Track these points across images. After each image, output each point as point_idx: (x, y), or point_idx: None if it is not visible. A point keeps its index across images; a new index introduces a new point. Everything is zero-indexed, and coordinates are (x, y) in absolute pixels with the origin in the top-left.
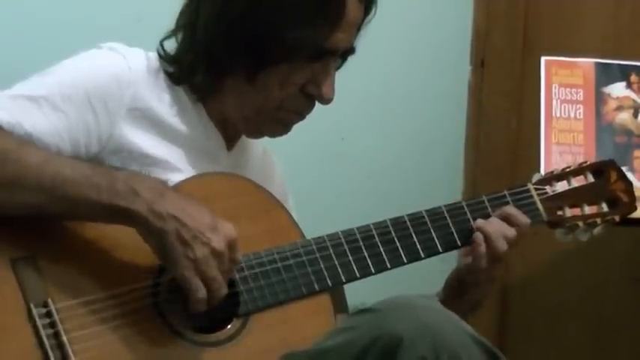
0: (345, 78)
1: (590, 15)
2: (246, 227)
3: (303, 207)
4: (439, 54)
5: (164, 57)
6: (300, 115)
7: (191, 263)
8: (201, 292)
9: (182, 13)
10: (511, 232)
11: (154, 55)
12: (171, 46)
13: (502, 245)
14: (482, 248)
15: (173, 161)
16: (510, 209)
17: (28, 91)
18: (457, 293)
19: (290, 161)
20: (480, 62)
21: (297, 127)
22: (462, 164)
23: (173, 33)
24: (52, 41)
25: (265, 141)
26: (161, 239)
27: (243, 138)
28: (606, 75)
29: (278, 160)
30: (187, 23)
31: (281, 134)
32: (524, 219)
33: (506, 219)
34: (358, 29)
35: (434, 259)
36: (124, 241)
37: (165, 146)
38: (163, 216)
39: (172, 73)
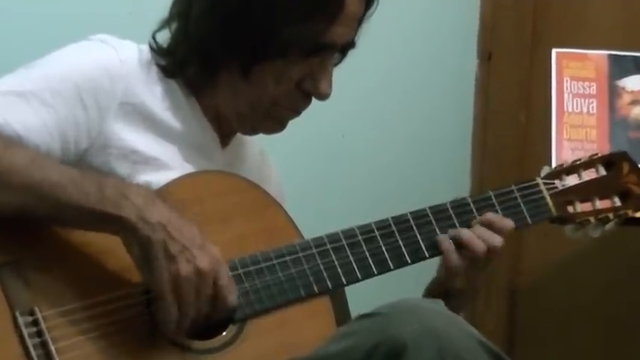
0: (346, 72)
1: (601, 5)
2: (240, 226)
3: (302, 206)
4: (444, 47)
5: (156, 50)
6: (296, 112)
7: (171, 279)
8: (174, 314)
9: (175, 4)
10: (489, 235)
11: (146, 48)
12: (164, 38)
13: (479, 245)
14: (452, 251)
15: (165, 158)
16: (490, 216)
17: (16, 85)
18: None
19: (288, 159)
20: (487, 55)
21: (296, 124)
22: (469, 162)
23: (166, 24)
24: (40, 34)
25: (262, 138)
26: (146, 248)
27: (239, 135)
28: (620, 67)
29: (275, 158)
30: (181, 14)
31: (276, 131)
32: (507, 223)
33: (488, 226)
34: (359, 23)
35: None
36: (114, 248)
37: (157, 142)
38: (153, 224)
39: (165, 66)
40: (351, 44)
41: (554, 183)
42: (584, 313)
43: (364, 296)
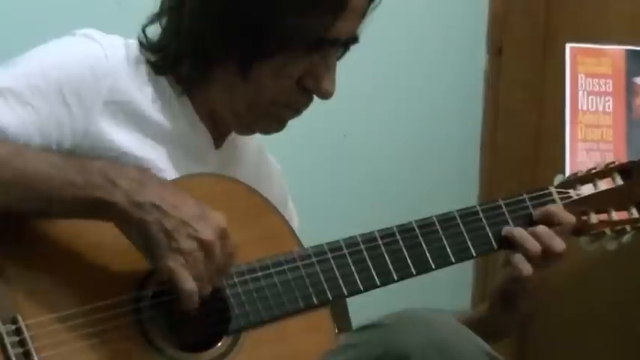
0: (348, 69)
1: None
2: (236, 234)
3: (302, 209)
4: (451, 41)
5: (146, 45)
6: (296, 111)
7: (178, 255)
8: (190, 284)
9: None
10: (548, 236)
11: (134, 43)
12: (154, 32)
13: (534, 247)
14: (516, 256)
15: (155, 161)
16: (553, 208)
17: None
18: (504, 308)
19: (286, 161)
20: (497, 50)
21: (295, 124)
22: (477, 164)
23: (156, 18)
24: (21, 27)
25: (260, 138)
26: (143, 231)
27: (234, 135)
28: (638, 63)
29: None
30: (173, 7)
31: (274, 131)
32: (568, 217)
33: (548, 219)
34: (362, 16)
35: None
36: (103, 246)
37: (147, 144)
38: (144, 206)
39: (155, 63)
40: (354, 39)
41: (568, 192)
42: (599, 324)
43: (366, 306)
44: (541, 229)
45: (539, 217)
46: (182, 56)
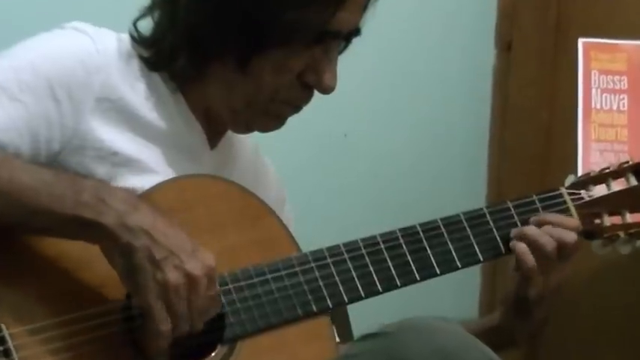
0: (349, 64)
1: None
2: (231, 237)
3: (300, 214)
4: (458, 36)
5: (138, 39)
6: (296, 107)
7: (159, 288)
8: (165, 325)
9: None
10: (556, 231)
11: (126, 37)
12: (146, 26)
13: (548, 242)
14: (528, 256)
15: (148, 161)
16: (550, 216)
17: None
18: (517, 315)
19: (284, 161)
20: (506, 45)
21: (293, 123)
22: (485, 164)
23: (149, 11)
24: (6, 20)
25: (256, 138)
26: (128, 256)
27: (229, 134)
28: None
29: (270, 160)
30: None
31: (273, 129)
32: (571, 222)
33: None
34: (364, 8)
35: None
36: (91, 258)
37: (139, 143)
38: (134, 230)
39: (148, 58)
40: (356, 32)
41: (579, 193)
42: (613, 335)
43: (368, 314)
44: (547, 226)
45: (534, 223)
46: (177, 51)
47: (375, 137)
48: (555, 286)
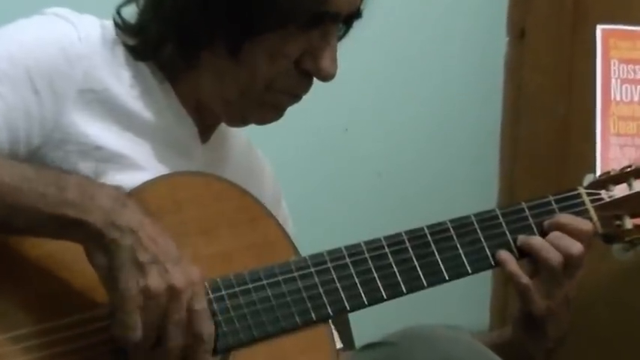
0: (350, 51)
1: None
2: (225, 239)
3: (298, 214)
4: (467, 22)
5: (123, 26)
6: (295, 97)
7: (137, 293)
8: (137, 335)
9: None
10: (563, 241)
11: (110, 24)
12: (131, 13)
13: (554, 257)
14: (520, 275)
15: (134, 156)
16: (563, 217)
17: None
18: (529, 330)
19: (280, 157)
20: (519, 32)
21: (289, 116)
22: (496, 161)
23: None
24: None
25: (250, 131)
26: (111, 254)
27: (222, 127)
28: None
29: (266, 155)
30: None
31: (271, 120)
32: (583, 225)
33: (559, 230)
34: None
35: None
36: (76, 262)
37: (125, 137)
38: (122, 229)
39: (134, 47)
40: (356, 14)
41: (599, 194)
42: (633, 341)
43: (371, 322)
44: (554, 234)
45: (547, 228)
46: (164, 39)
47: (378, 132)
48: (564, 300)
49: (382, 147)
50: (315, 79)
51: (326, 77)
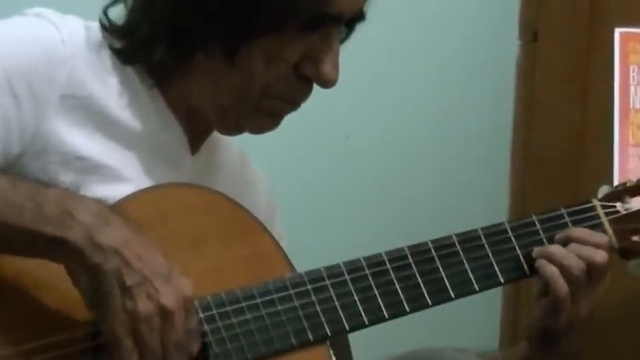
0: (351, 56)
1: None
2: (216, 255)
3: (295, 227)
4: (477, 23)
5: (109, 28)
6: (293, 104)
7: (127, 318)
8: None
9: None
10: (585, 249)
11: (95, 26)
12: (118, 13)
13: (576, 264)
14: (560, 281)
15: (119, 167)
16: (576, 231)
17: None
18: (544, 348)
19: (276, 167)
20: (532, 35)
21: (290, 123)
22: (507, 171)
23: None
24: None
25: (247, 139)
26: (96, 279)
27: (213, 136)
28: None
29: (264, 164)
30: None
31: (267, 129)
32: (598, 239)
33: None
34: None
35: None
36: (55, 279)
37: (110, 147)
38: (104, 249)
39: (121, 50)
40: (360, 15)
41: (615, 206)
42: None
43: (371, 343)
44: (574, 244)
45: (559, 242)
46: (154, 41)
47: (381, 139)
48: (586, 314)
49: (385, 155)
50: (315, 84)
51: (327, 83)
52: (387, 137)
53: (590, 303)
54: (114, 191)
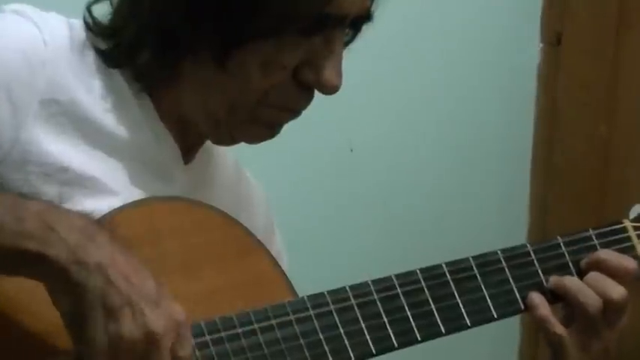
0: (356, 60)
1: None
2: (210, 276)
3: (296, 247)
4: (496, 25)
5: (94, 28)
6: (293, 112)
7: (110, 343)
8: None
9: None
10: (602, 283)
11: (79, 25)
12: (103, 11)
13: (592, 300)
14: (553, 322)
15: (106, 179)
16: (604, 253)
17: None
18: None
19: (275, 181)
20: (556, 39)
21: (290, 134)
22: (527, 188)
23: None
24: None
25: (240, 151)
26: (78, 299)
27: (207, 146)
28: None
29: (262, 178)
30: None
31: (264, 139)
32: (626, 263)
33: (599, 268)
34: None
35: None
36: (32, 301)
37: (95, 156)
38: (89, 267)
39: (107, 52)
40: (366, 16)
41: None
42: None
43: None
44: (593, 275)
45: (585, 267)
46: (142, 43)
47: (389, 152)
48: (603, 354)
49: (393, 170)
50: (316, 92)
51: (329, 90)
52: (396, 150)
53: (606, 343)
54: (100, 205)
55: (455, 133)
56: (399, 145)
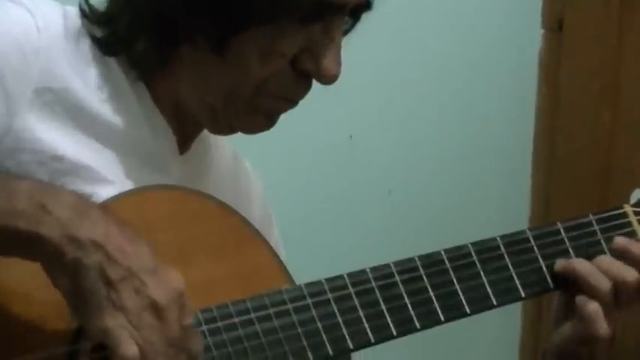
0: (356, 49)
1: None
2: (207, 266)
3: (295, 236)
4: (496, 11)
5: (89, 15)
6: (291, 101)
7: (118, 312)
8: (133, 349)
9: None
10: (615, 266)
11: (73, 12)
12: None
13: (602, 283)
14: (583, 303)
15: (100, 168)
16: (621, 241)
17: None
18: None
19: (273, 170)
20: (557, 24)
21: (288, 123)
22: (528, 176)
23: None
24: None
25: (237, 140)
26: (76, 277)
27: (204, 135)
28: None
29: (261, 167)
30: None
31: (262, 129)
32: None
33: (619, 255)
34: None
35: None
36: (26, 289)
37: (89, 145)
38: (84, 244)
39: (102, 39)
40: (366, 4)
41: None
42: None
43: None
44: (602, 258)
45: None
46: (138, 31)
47: (388, 139)
48: (610, 339)
49: (393, 157)
50: (314, 81)
51: (328, 79)
52: (395, 137)
53: (612, 326)
54: (94, 194)
55: (455, 122)
56: (399, 134)
